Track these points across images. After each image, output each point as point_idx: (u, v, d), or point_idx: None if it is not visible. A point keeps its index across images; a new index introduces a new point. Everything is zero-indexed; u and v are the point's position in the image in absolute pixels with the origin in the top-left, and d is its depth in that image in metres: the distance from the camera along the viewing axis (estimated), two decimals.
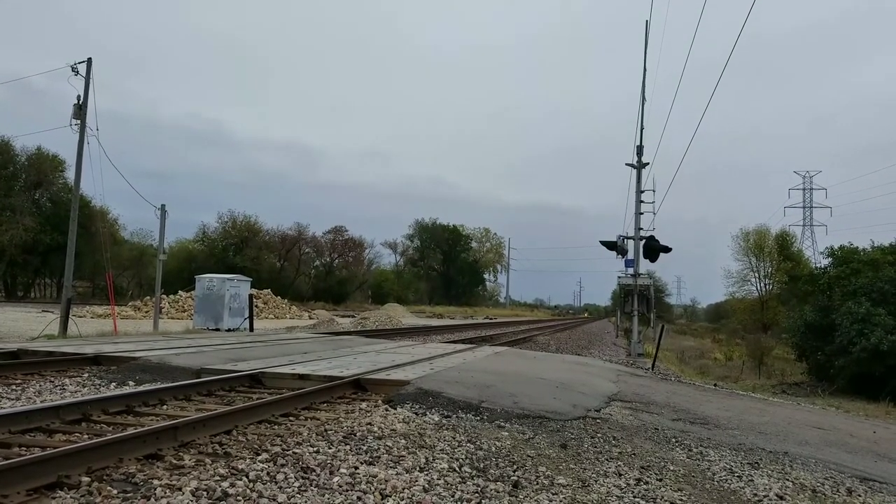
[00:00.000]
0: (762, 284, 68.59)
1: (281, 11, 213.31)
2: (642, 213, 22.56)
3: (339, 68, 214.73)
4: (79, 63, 19.86)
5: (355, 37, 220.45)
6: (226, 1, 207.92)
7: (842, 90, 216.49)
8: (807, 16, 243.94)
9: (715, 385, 16.38)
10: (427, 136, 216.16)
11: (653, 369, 17.14)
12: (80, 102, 19.77)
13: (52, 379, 7.70)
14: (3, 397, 6.48)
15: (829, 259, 30.05)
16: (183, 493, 3.52)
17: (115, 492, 3.52)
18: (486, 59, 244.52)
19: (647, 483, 4.89)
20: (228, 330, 21.28)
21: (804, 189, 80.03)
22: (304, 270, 76.68)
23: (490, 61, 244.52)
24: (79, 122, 19.75)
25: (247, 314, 21.43)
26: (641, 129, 22.81)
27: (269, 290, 45.11)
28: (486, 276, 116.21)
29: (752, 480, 5.39)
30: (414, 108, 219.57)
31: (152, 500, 3.42)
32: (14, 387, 7.05)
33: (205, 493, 3.57)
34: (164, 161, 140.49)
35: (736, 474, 5.55)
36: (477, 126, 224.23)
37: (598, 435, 6.45)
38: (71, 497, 3.42)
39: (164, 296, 34.60)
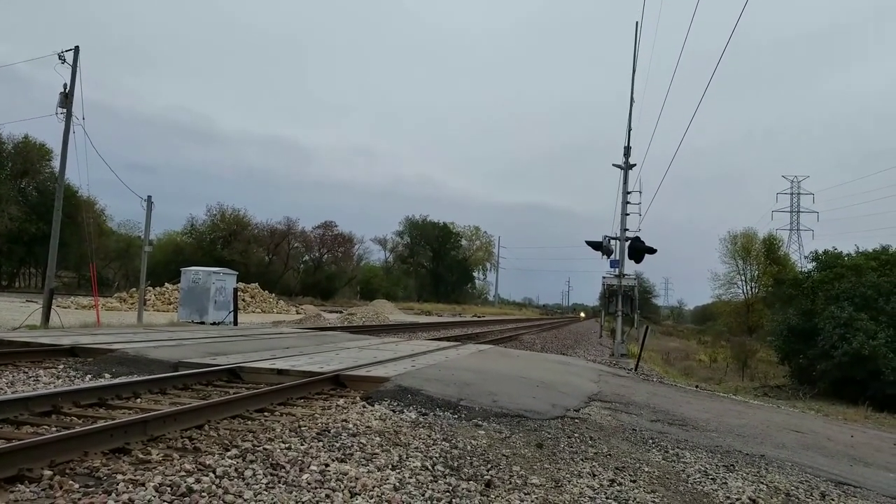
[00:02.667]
0: (748, 287, 69.25)
1: (272, 8, 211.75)
2: (628, 215, 22.63)
3: (331, 65, 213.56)
4: (66, 51, 19.64)
5: (348, 34, 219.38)
6: None
7: (832, 96, 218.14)
8: (798, 21, 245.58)
9: (696, 387, 16.45)
10: (417, 136, 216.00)
11: (636, 370, 17.19)
12: (67, 91, 19.55)
13: (27, 370, 7.60)
14: None
15: (814, 263, 30.25)
16: (146, 489, 3.46)
17: (76, 486, 3.46)
18: (475, 59, 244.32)
19: (620, 484, 4.89)
20: (213, 323, 21.15)
21: (792, 193, 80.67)
22: (292, 265, 76.44)
23: (480, 62, 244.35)
24: (65, 110, 19.54)
25: (232, 308, 21.32)
26: (629, 130, 22.87)
27: (256, 284, 44.86)
28: (475, 274, 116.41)
29: (725, 483, 5.40)
30: (405, 107, 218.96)
31: (114, 494, 3.36)
32: None
33: (168, 488, 3.51)
34: (152, 154, 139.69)
35: (710, 477, 5.56)
36: (467, 126, 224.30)
37: (575, 435, 6.44)
38: (31, 491, 3.36)
39: (150, 288, 34.35)
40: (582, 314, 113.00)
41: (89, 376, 7.54)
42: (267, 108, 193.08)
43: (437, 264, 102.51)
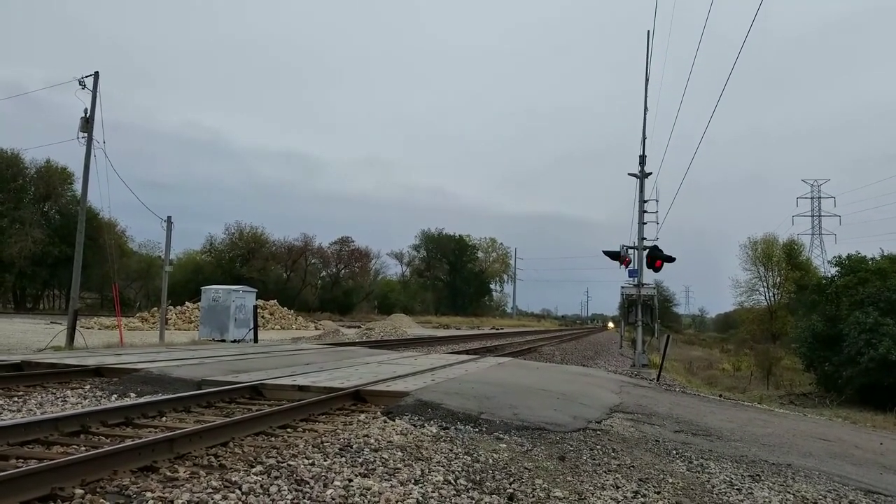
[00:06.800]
0: (770, 294, 68.28)
1: (280, 21, 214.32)
2: (646, 223, 22.51)
3: (339, 77, 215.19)
4: (86, 77, 20.07)
5: (356, 45, 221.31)
6: (225, 11, 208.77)
7: (852, 96, 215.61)
8: (816, 20, 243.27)
9: (720, 396, 16.28)
10: (430, 146, 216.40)
11: (658, 380, 17.04)
12: (88, 116, 19.94)
13: (54, 391, 7.74)
14: (4, 409, 6.51)
15: (837, 268, 29.83)
16: None
17: None
18: (486, 67, 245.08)
19: (644, 496, 4.86)
20: (234, 341, 21.34)
21: (812, 197, 79.64)
22: (310, 281, 76.81)
23: (491, 68, 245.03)
24: (86, 135, 19.92)
25: (252, 325, 21.50)
26: (644, 139, 22.78)
27: (275, 300, 45.17)
28: (492, 286, 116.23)
29: (751, 493, 5.35)
30: (415, 117, 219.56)
31: None
32: (16, 399, 7.09)
33: None
34: (166, 171, 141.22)
35: (736, 487, 5.51)
36: (481, 136, 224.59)
37: (598, 447, 6.41)
38: None
39: (171, 307, 34.73)
40: (610, 324, 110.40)
41: (115, 396, 7.66)
42: (278, 121, 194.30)
43: (454, 277, 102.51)
